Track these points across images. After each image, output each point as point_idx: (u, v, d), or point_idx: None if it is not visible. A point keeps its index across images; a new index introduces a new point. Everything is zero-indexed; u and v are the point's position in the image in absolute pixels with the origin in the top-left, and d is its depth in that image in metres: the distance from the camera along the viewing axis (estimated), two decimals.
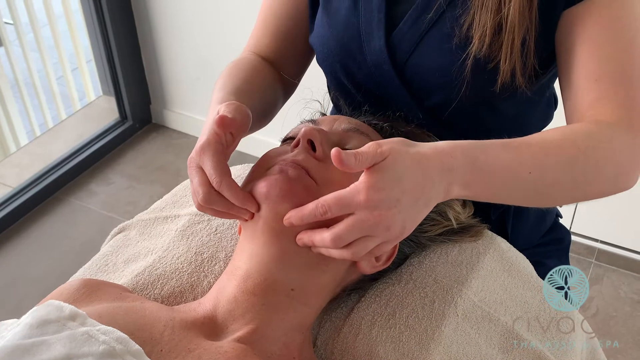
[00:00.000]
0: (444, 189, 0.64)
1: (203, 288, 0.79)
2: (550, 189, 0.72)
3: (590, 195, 0.76)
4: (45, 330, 0.60)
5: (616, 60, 0.75)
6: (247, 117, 0.73)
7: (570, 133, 0.72)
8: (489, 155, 0.66)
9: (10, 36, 2.66)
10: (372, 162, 0.60)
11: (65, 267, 0.84)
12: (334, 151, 0.59)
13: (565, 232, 1.10)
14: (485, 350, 0.74)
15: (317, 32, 0.92)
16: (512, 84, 0.79)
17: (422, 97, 0.87)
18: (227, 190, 0.68)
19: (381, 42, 0.85)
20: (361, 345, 0.73)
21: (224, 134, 0.70)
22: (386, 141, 0.62)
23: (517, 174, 0.68)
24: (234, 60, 0.95)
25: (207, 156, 0.69)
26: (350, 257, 0.64)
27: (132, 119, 2.71)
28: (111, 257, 0.88)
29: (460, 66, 0.80)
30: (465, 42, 0.79)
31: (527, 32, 0.77)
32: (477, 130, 0.90)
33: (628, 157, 0.74)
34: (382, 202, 0.60)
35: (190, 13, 2.41)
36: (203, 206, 0.69)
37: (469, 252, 0.84)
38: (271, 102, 0.94)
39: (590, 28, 0.76)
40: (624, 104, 0.74)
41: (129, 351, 0.59)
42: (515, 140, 0.70)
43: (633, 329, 1.93)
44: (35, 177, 2.40)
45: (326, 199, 0.61)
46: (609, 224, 2.12)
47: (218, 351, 0.63)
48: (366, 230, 0.61)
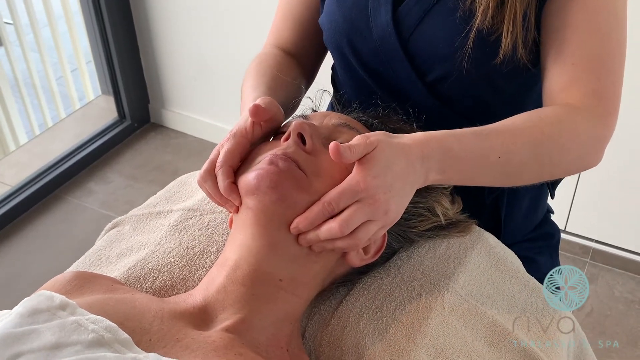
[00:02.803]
0: (423, 174, 0.70)
1: (194, 281, 0.80)
2: (518, 170, 0.78)
3: (557, 175, 0.85)
4: (36, 319, 0.61)
5: (594, 48, 0.80)
6: (279, 112, 0.78)
7: (537, 119, 0.78)
8: (461, 143, 0.72)
9: (10, 36, 2.68)
10: (364, 153, 0.66)
11: (63, 265, 0.85)
12: (332, 144, 0.64)
13: (556, 229, 1.11)
14: (471, 343, 0.75)
15: (326, 11, 0.95)
16: (514, 57, 0.83)
17: (425, 70, 0.89)
18: (220, 175, 0.72)
19: (388, 16, 0.88)
20: (349, 337, 0.74)
21: (253, 125, 0.75)
22: (372, 133, 0.68)
23: (487, 160, 0.74)
24: (257, 55, 0.99)
25: (228, 142, 0.74)
26: (355, 245, 0.68)
27: (130, 118, 2.72)
28: (104, 252, 0.89)
29: (463, 38, 0.83)
30: (468, 14, 0.82)
31: (527, 6, 0.80)
32: (477, 108, 0.92)
33: (591, 139, 0.80)
34: (379, 187, 0.65)
35: (188, 13, 2.42)
36: (199, 182, 0.75)
37: (457, 246, 0.85)
38: (296, 97, 0.97)
39: (574, 15, 0.80)
40: (593, 90, 0.80)
41: (118, 340, 0.60)
42: (486, 127, 0.75)
43: (627, 328, 1.94)
44: (34, 176, 2.41)
45: (330, 196, 0.66)
46: (604, 223, 2.13)
47: (206, 341, 0.64)
48: (369, 214, 0.66)
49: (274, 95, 0.85)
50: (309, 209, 0.68)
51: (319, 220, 0.67)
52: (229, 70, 2.44)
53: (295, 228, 0.69)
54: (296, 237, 0.70)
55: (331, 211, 0.66)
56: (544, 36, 0.83)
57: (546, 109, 0.81)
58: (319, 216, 0.67)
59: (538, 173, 0.81)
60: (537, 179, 0.83)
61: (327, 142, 0.77)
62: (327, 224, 0.67)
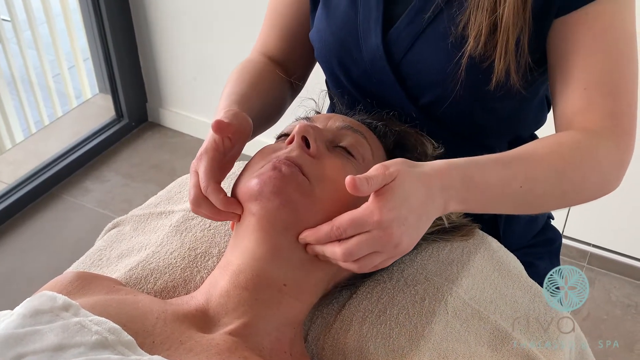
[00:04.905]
0: (443, 204, 0.68)
1: (196, 283, 0.80)
2: (540, 199, 0.77)
3: (578, 202, 0.81)
4: (39, 320, 0.60)
5: (605, 71, 0.78)
6: (245, 122, 0.76)
7: (558, 146, 0.76)
8: (483, 172, 0.70)
9: (7, 33, 2.66)
10: (383, 184, 0.64)
11: (59, 264, 0.84)
12: (348, 179, 0.62)
13: (557, 234, 1.11)
14: (474, 348, 0.75)
15: (316, 27, 0.94)
16: (507, 82, 0.81)
17: (417, 94, 0.88)
18: (211, 194, 0.71)
19: (378, 39, 0.86)
20: (352, 341, 0.73)
21: (222, 139, 0.74)
22: (391, 162, 0.66)
23: (509, 189, 0.72)
24: (241, 62, 0.98)
25: (202, 161, 0.73)
26: (356, 271, 0.67)
27: (128, 117, 2.71)
28: (105, 252, 0.89)
29: (455, 65, 0.81)
30: (460, 41, 0.81)
31: (521, 32, 0.78)
32: (470, 129, 0.91)
33: (611, 165, 0.79)
34: (393, 221, 0.63)
35: (187, 13, 2.42)
36: (194, 210, 0.74)
37: (460, 250, 0.85)
38: (277, 105, 0.96)
39: (582, 38, 0.78)
40: (609, 113, 0.78)
41: (121, 342, 0.59)
42: (508, 154, 0.74)
43: (623, 332, 1.94)
44: (30, 174, 2.40)
45: (341, 221, 0.65)
46: (602, 228, 2.13)
47: (210, 344, 0.63)
48: (377, 247, 0.65)
49: (247, 103, 0.85)
50: (318, 227, 0.67)
51: (325, 241, 0.67)
52: (227, 70, 2.40)
53: (302, 239, 0.69)
54: (300, 244, 0.70)
55: (338, 235, 0.65)
56: (552, 62, 0.82)
57: (564, 135, 0.79)
58: (326, 237, 0.66)
59: (560, 201, 0.79)
60: (558, 206, 0.81)
61: (331, 145, 0.77)
62: (332, 246, 0.66)
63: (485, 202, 0.72)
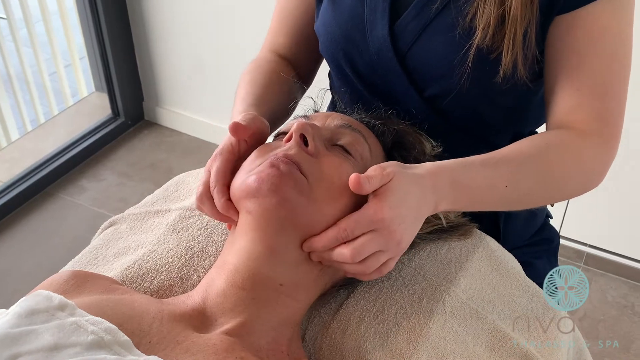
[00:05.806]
0: (433, 204, 0.71)
1: (193, 282, 0.79)
2: (526, 197, 0.81)
3: (560, 199, 0.87)
4: (34, 320, 0.60)
5: (599, 72, 0.80)
6: (263, 126, 0.78)
7: (544, 146, 0.79)
8: (471, 174, 0.74)
9: (3, 31, 2.65)
10: (381, 184, 0.67)
11: (55, 262, 0.84)
12: (352, 176, 0.65)
13: (555, 233, 1.12)
14: (472, 348, 0.75)
15: (321, 20, 0.94)
16: (514, 75, 0.82)
17: (423, 86, 0.88)
18: (216, 195, 0.73)
19: (384, 30, 0.86)
20: (349, 341, 0.73)
21: (238, 142, 0.76)
22: (387, 164, 0.69)
23: (495, 189, 0.76)
24: (252, 61, 0.99)
25: (216, 161, 0.75)
26: (362, 272, 0.69)
27: (124, 115, 2.70)
28: (101, 250, 0.88)
29: (462, 56, 0.82)
30: (468, 32, 0.81)
31: (529, 24, 0.79)
32: (474, 124, 0.91)
33: (595, 164, 0.83)
34: (394, 219, 0.66)
35: (184, 11, 2.41)
36: (198, 205, 0.76)
37: (458, 250, 0.85)
38: (289, 104, 0.97)
39: (579, 39, 0.80)
40: (599, 114, 0.81)
41: (118, 342, 0.59)
42: (494, 155, 0.77)
43: (620, 333, 1.95)
44: (26, 172, 2.40)
45: (347, 222, 0.67)
46: (598, 228, 2.13)
47: (206, 343, 0.63)
48: (382, 244, 0.67)
49: (263, 105, 0.86)
50: (324, 233, 0.68)
51: (332, 244, 0.68)
52: (223, 69, 2.43)
53: (308, 247, 0.69)
54: (297, 242, 0.70)
55: (346, 237, 0.67)
56: (548, 58, 0.83)
57: (552, 134, 0.82)
58: (333, 241, 0.68)
59: (544, 199, 0.85)
60: (542, 203, 0.86)
61: (330, 143, 0.77)
62: (339, 248, 0.67)
63: (473, 202, 0.76)
